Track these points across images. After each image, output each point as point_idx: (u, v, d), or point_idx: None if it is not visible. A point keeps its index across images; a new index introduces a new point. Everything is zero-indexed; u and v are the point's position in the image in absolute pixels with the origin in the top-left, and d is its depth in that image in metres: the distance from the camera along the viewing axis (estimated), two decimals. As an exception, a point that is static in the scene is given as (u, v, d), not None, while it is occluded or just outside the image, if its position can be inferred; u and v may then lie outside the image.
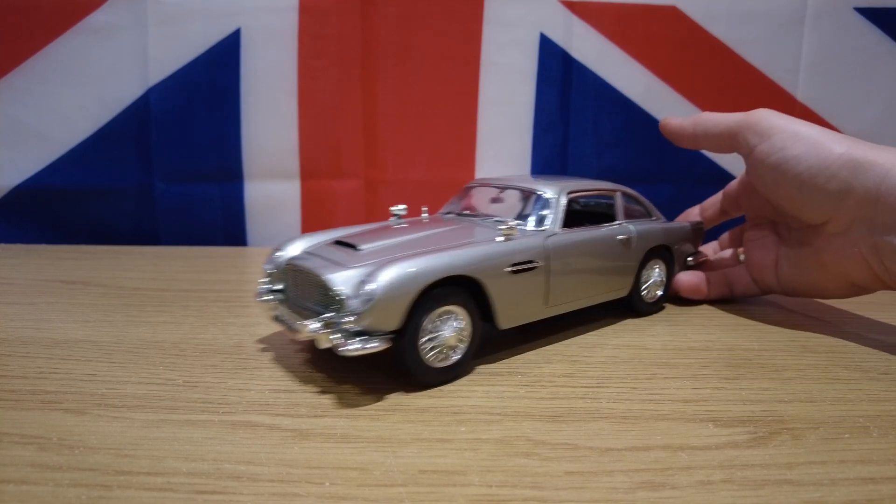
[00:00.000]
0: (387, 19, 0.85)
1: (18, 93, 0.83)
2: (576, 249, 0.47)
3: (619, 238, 0.51)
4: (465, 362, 0.41)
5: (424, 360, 0.39)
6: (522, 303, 0.44)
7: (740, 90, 0.86)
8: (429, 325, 0.39)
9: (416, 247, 0.42)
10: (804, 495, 0.28)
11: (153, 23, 0.82)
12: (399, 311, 0.37)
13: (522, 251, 0.43)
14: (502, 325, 0.43)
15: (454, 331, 0.40)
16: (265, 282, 0.45)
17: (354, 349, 0.36)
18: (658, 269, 0.56)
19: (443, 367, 0.40)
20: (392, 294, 0.37)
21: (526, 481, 0.29)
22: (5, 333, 0.48)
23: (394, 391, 0.38)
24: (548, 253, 0.45)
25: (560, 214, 0.48)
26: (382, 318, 0.37)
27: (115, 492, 0.27)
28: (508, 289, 0.42)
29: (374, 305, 0.36)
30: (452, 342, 0.40)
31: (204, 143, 0.86)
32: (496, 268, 0.41)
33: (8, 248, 0.83)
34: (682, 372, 0.42)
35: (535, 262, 0.44)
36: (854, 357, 0.45)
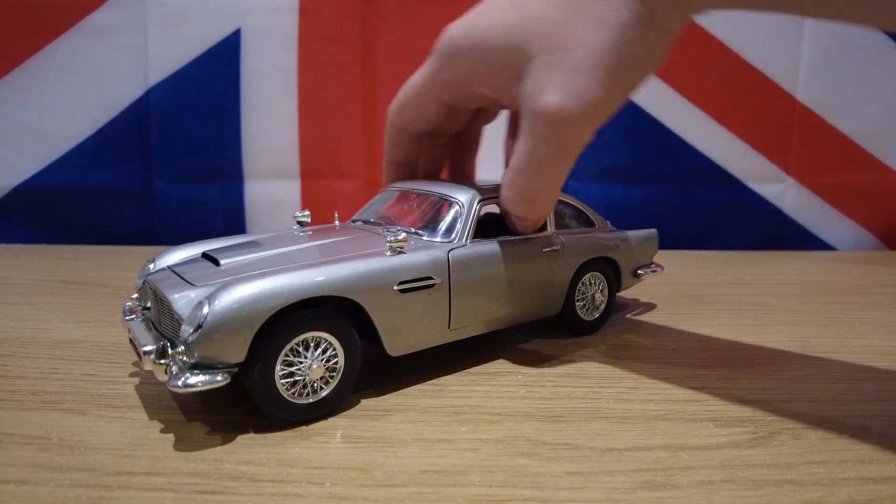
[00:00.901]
0: (387, 19, 0.85)
1: (18, 93, 0.83)
2: (485, 263, 0.41)
3: (544, 250, 0.45)
4: (339, 396, 0.35)
5: (283, 396, 0.33)
6: (418, 326, 0.38)
7: (740, 90, 0.86)
8: (287, 356, 0.33)
9: (286, 261, 0.37)
10: (804, 495, 0.28)
11: (153, 23, 0.82)
12: (240, 340, 0.31)
13: (415, 266, 0.37)
14: (392, 352, 0.37)
15: (321, 362, 0.34)
16: (134, 298, 0.40)
17: (177, 386, 0.30)
18: (598, 284, 0.50)
19: (309, 403, 0.34)
20: (230, 320, 0.31)
21: (526, 481, 0.29)
22: (5, 333, 0.48)
23: (394, 392, 0.38)
24: (449, 268, 0.39)
25: (469, 224, 0.41)
26: (218, 350, 0.31)
27: (116, 492, 0.27)
28: (397, 310, 0.36)
29: (206, 334, 0.30)
30: (317, 375, 0.34)
31: (204, 143, 0.86)
32: (381, 286, 0.36)
33: (8, 248, 0.83)
34: (682, 372, 0.42)
35: (433, 279, 0.38)
36: (854, 357, 0.45)
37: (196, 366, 0.31)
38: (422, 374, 0.41)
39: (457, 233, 0.41)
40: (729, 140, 0.87)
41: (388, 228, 0.44)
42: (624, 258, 0.52)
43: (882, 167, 0.88)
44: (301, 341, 0.33)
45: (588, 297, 0.49)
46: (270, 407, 0.33)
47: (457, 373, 0.41)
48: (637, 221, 0.88)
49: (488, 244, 0.42)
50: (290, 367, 0.33)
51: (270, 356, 0.32)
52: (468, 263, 0.40)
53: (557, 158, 0.38)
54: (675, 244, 0.87)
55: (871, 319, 0.55)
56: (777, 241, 0.90)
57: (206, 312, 0.31)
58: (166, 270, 0.40)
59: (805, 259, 0.84)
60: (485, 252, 0.41)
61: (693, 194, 0.88)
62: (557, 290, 0.47)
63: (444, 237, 0.41)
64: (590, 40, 0.35)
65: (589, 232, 0.51)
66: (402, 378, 0.40)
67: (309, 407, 0.34)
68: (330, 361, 0.35)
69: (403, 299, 0.37)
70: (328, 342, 0.34)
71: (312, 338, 0.34)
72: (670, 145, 0.87)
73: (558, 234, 0.47)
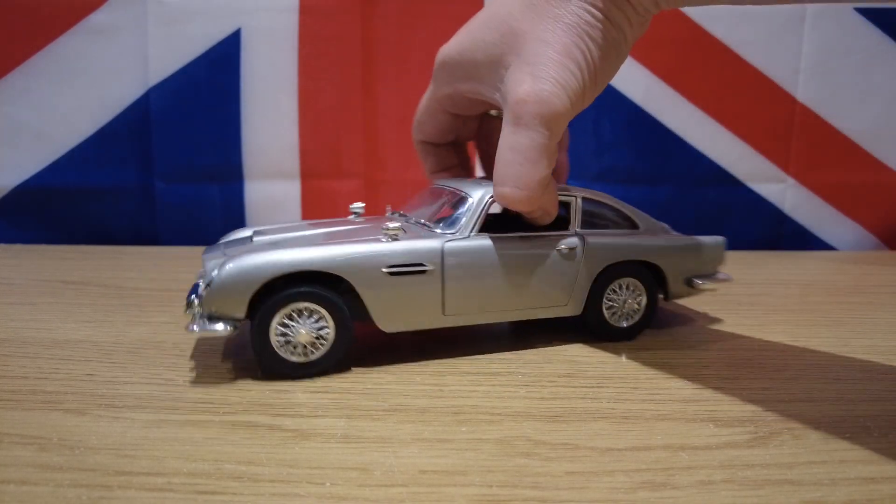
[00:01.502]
0: (387, 19, 0.85)
1: (18, 93, 0.83)
2: (484, 256, 0.43)
3: (559, 248, 0.45)
4: (327, 362, 0.40)
5: (276, 351, 0.39)
6: (409, 307, 0.42)
7: (740, 90, 0.86)
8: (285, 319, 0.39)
9: (302, 242, 0.43)
10: (805, 495, 0.28)
11: (153, 23, 0.82)
12: (240, 300, 0.38)
13: (406, 252, 0.41)
14: (384, 327, 0.42)
15: (310, 329, 0.39)
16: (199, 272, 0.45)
17: (195, 329, 0.38)
18: (632, 290, 0.48)
19: (298, 361, 0.40)
20: (231, 283, 0.38)
21: (526, 481, 0.29)
22: (5, 333, 0.48)
23: (394, 392, 0.38)
24: (444, 257, 0.42)
25: (475, 218, 0.44)
26: (223, 305, 0.38)
27: (116, 492, 0.27)
28: (387, 291, 0.41)
29: (213, 291, 0.38)
30: (305, 339, 0.39)
31: (204, 143, 0.86)
32: (371, 267, 0.40)
33: (8, 248, 0.83)
34: (682, 372, 0.42)
35: (426, 266, 0.41)
36: (854, 357, 0.45)
37: (210, 317, 0.38)
38: (422, 374, 0.41)
39: (461, 226, 0.44)
40: (729, 140, 0.87)
41: (409, 219, 0.49)
42: (672, 265, 0.49)
43: (882, 167, 0.88)
44: (297, 309, 0.39)
45: (620, 302, 0.48)
46: (263, 357, 0.39)
47: (457, 373, 0.41)
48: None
49: (495, 238, 0.44)
50: (285, 329, 0.39)
51: (267, 317, 0.39)
52: (465, 255, 0.43)
53: (534, 140, 0.40)
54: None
55: (871, 319, 0.55)
56: (777, 241, 0.90)
57: (215, 275, 0.38)
58: (218, 245, 0.48)
59: (805, 259, 0.84)
60: (487, 245, 0.43)
61: (693, 194, 0.88)
62: (576, 290, 0.46)
63: (448, 229, 0.44)
64: (552, 40, 0.39)
65: (626, 234, 0.49)
66: (401, 378, 0.40)
67: (295, 365, 0.40)
68: (322, 331, 0.40)
69: (393, 281, 0.41)
70: (321, 314, 0.40)
71: (306, 308, 0.39)
72: (670, 145, 0.87)
73: (583, 233, 0.47)
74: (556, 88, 0.39)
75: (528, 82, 0.39)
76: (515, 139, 0.40)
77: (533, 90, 0.39)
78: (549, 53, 0.39)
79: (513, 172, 0.41)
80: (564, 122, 0.41)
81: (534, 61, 0.39)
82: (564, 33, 0.39)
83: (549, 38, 0.39)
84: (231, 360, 0.43)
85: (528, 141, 0.40)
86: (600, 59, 0.40)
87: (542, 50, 0.39)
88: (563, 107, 0.39)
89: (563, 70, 0.39)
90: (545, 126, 0.39)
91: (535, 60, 0.39)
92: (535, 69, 0.39)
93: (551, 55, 0.39)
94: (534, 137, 0.40)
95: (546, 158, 0.41)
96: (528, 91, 0.39)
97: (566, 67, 0.39)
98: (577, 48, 0.39)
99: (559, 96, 0.39)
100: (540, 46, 0.39)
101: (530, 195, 0.41)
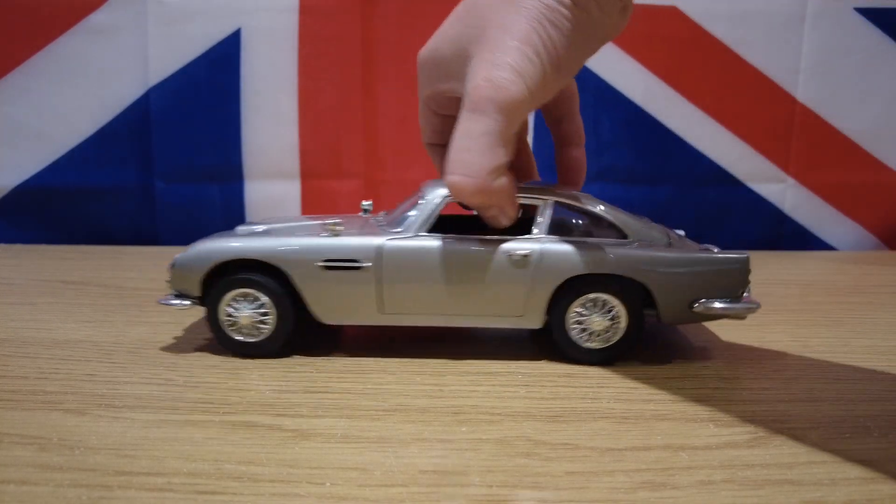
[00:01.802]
0: (387, 19, 0.85)
1: (18, 93, 0.83)
2: (427, 257, 0.42)
3: (510, 254, 0.42)
4: (270, 346, 0.43)
5: (222, 328, 0.43)
6: (345, 302, 0.43)
7: (740, 90, 0.86)
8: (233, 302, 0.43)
9: (277, 233, 0.45)
10: (804, 495, 0.28)
11: (153, 23, 0.82)
12: (193, 280, 0.42)
13: (341, 248, 0.42)
14: (322, 319, 0.43)
15: (252, 312, 0.43)
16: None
17: (161, 301, 0.44)
18: (607, 308, 0.43)
19: (241, 341, 0.43)
20: (185, 265, 0.43)
21: (526, 481, 0.29)
22: (5, 333, 0.48)
23: (394, 392, 0.38)
24: (382, 255, 0.42)
25: (424, 218, 0.43)
26: (181, 283, 0.43)
27: (116, 492, 0.27)
28: (322, 284, 0.42)
29: (173, 272, 0.43)
30: (245, 322, 0.43)
31: (204, 143, 0.86)
32: (306, 260, 0.42)
33: (8, 248, 0.83)
34: (682, 372, 0.42)
35: (361, 263, 0.42)
36: (854, 357, 0.45)
37: (178, 294, 0.44)
38: (422, 374, 0.41)
39: (407, 225, 0.43)
40: (729, 140, 0.87)
41: (372, 219, 0.50)
42: (663, 283, 0.42)
43: (882, 167, 0.88)
44: (244, 294, 0.43)
45: (592, 322, 0.43)
46: (214, 332, 0.43)
47: (457, 373, 0.41)
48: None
49: (441, 239, 0.42)
50: (232, 310, 0.43)
51: (217, 297, 0.43)
52: (406, 254, 0.42)
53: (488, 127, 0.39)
54: (675, 244, 0.87)
55: (871, 319, 0.55)
56: (777, 241, 0.90)
57: (177, 257, 0.43)
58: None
59: (805, 259, 0.84)
60: (431, 246, 0.42)
61: (693, 194, 0.88)
62: (532, 301, 0.42)
63: (395, 227, 0.44)
64: (512, 26, 0.38)
65: (605, 244, 0.43)
66: (401, 378, 0.40)
67: (240, 343, 0.43)
68: (267, 316, 0.43)
69: (328, 275, 0.42)
70: (262, 300, 0.43)
71: (251, 294, 0.43)
72: (670, 145, 0.87)
73: (547, 239, 0.43)
74: (513, 75, 0.38)
75: (484, 69, 0.38)
76: (468, 126, 0.39)
77: (488, 76, 0.38)
78: (507, 40, 0.38)
79: (463, 160, 0.39)
80: (522, 109, 0.39)
81: (492, 48, 0.39)
82: (524, 20, 0.38)
83: (508, 24, 0.38)
84: (231, 360, 0.43)
85: (482, 127, 0.39)
86: (565, 46, 0.39)
87: (501, 37, 0.38)
88: (519, 94, 0.38)
89: (520, 57, 0.38)
90: (500, 112, 0.38)
91: (492, 47, 0.39)
92: (493, 56, 0.38)
93: (509, 42, 0.38)
94: (487, 124, 0.38)
95: (500, 147, 0.39)
96: (484, 77, 0.38)
97: (524, 54, 0.38)
98: (537, 34, 0.38)
99: (515, 83, 0.38)
100: (499, 33, 0.39)
101: (479, 184, 0.39)
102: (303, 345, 0.46)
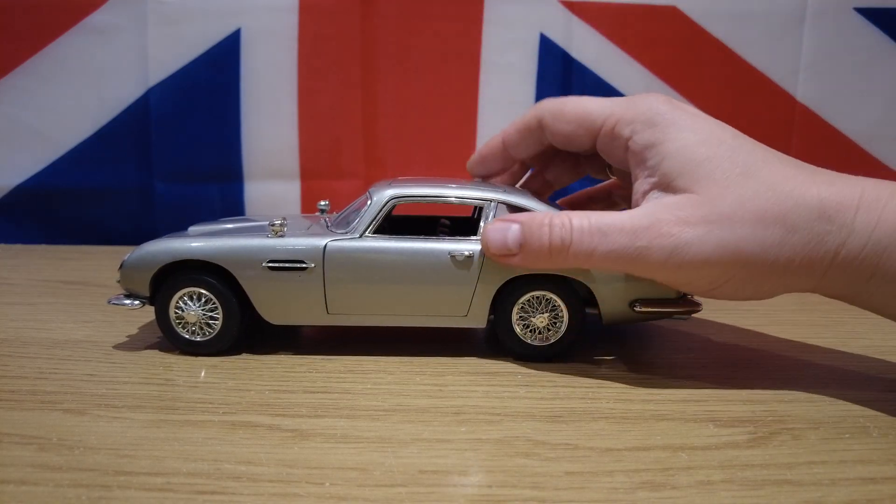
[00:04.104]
0: (387, 19, 0.85)
1: (18, 93, 0.83)
2: (370, 258, 0.42)
3: (454, 255, 0.42)
4: (218, 344, 0.43)
5: (172, 326, 0.43)
6: (291, 302, 0.43)
7: (740, 90, 0.86)
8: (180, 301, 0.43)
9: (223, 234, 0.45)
10: (804, 495, 0.28)
11: (153, 23, 0.82)
12: (142, 280, 0.43)
13: (285, 249, 0.42)
14: (268, 319, 0.44)
15: (199, 311, 0.43)
16: None
17: (112, 301, 0.44)
18: (549, 306, 0.43)
19: (189, 339, 0.43)
20: (134, 266, 0.43)
21: (526, 481, 0.29)
22: (5, 333, 0.48)
23: (394, 392, 0.38)
24: (324, 257, 0.42)
25: (369, 220, 0.43)
26: (131, 283, 0.43)
27: (115, 492, 0.27)
28: (267, 284, 0.43)
29: (122, 273, 0.44)
30: (192, 319, 0.43)
31: (204, 143, 0.86)
32: (251, 260, 0.42)
33: (8, 248, 0.83)
34: (682, 372, 0.42)
35: (306, 264, 0.42)
36: (854, 357, 0.45)
37: (128, 294, 0.44)
38: (422, 374, 0.41)
39: (353, 226, 0.44)
40: (729, 140, 0.87)
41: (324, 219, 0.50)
42: (605, 284, 0.43)
43: (882, 167, 0.87)
44: (194, 293, 0.43)
45: (535, 320, 0.43)
46: (163, 331, 0.44)
47: (457, 373, 0.41)
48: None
49: (386, 241, 0.43)
50: (181, 309, 0.43)
51: (166, 296, 0.43)
52: (349, 255, 0.43)
53: (621, 255, 0.38)
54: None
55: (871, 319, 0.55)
56: (777, 241, 0.90)
57: (125, 258, 0.44)
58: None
59: (805, 259, 0.84)
60: (376, 247, 0.43)
61: (693, 194, 0.88)
62: (476, 301, 0.43)
63: (340, 228, 0.45)
64: (744, 219, 0.36)
65: None
66: (401, 378, 0.40)
67: (188, 341, 0.43)
68: (215, 315, 0.43)
69: (273, 276, 0.42)
70: (210, 298, 0.43)
71: (197, 293, 0.43)
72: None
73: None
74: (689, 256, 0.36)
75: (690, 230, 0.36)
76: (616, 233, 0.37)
77: (681, 236, 0.36)
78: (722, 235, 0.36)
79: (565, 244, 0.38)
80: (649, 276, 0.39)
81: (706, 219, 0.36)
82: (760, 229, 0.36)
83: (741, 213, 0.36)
84: (231, 361, 0.43)
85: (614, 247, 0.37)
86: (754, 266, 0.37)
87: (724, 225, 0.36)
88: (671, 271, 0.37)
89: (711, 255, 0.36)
90: (639, 261, 0.37)
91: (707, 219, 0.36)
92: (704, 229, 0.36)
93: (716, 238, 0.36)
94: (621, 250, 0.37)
95: (596, 264, 0.39)
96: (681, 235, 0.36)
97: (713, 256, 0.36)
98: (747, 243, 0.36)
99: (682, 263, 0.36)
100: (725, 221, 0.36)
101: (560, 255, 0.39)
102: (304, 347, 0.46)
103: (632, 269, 0.39)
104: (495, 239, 0.40)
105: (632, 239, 0.37)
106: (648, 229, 0.37)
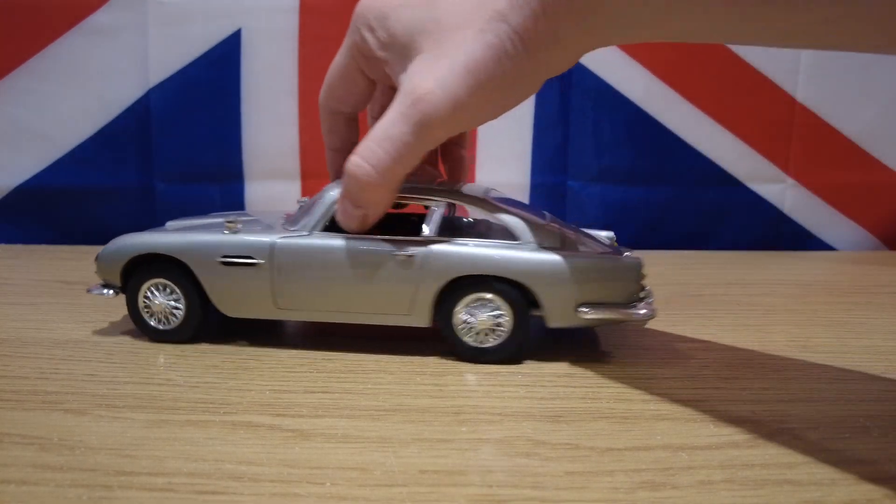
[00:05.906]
0: (387, 19, 0.85)
1: (19, 93, 0.83)
2: (316, 255, 0.43)
3: (395, 255, 0.42)
4: (183, 334, 0.46)
5: (141, 316, 0.46)
6: (243, 297, 0.45)
7: (740, 90, 0.86)
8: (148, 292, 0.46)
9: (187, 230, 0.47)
10: (804, 495, 0.28)
11: (154, 23, 0.82)
12: (114, 272, 0.46)
13: (237, 245, 0.44)
14: (224, 311, 0.45)
15: (164, 301, 0.45)
16: None
17: (91, 290, 0.47)
18: (493, 308, 0.43)
19: (155, 327, 0.46)
20: (107, 257, 0.46)
21: (526, 481, 0.29)
22: (6, 333, 0.48)
23: (394, 392, 0.38)
24: (273, 253, 0.43)
25: (318, 217, 0.44)
26: (105, 274, 0.46)
27: (116, 492, 0.27)
28: (222, 279, 0.44)
29: (97, 263, 0.47)
30: (158, 309, 0.45)
31: (204, 144, 0.86)
32: (207, 256, 0.44)
33: (8, 248, 0.83)
34: (682, 372, 0.42)
35: (255, 260, 0.44)
36: (854, 357, 0.45)
37: (104, 284, 0.47)
38: (422, 374, 0.41)
39: (302, 223, 0.45)
40: (729, 140, 0.87)
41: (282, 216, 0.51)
42: (546, 286, 0.42)
43: (882, 167, 0.88)
44: (157, 283, 0.46)
45: (477, 322, 0.43)
46: (134, 321, 0.46)
47: (457, 373, 0.42)
48: (637, 221, 0.88)
49: (333, 239, 0.44)
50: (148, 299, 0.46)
51: (136, 287, 0.46)
52: (296, 252, 0.44)
53: (410, 137, 0.40)
54: (674, 244, 0.87)
55: (871, 319, 0.55)
56: (777, 241, 0.90)
57: (101, 250, 0.47)
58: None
59: (805, 259, 0.84)
60: (322, 245, 0.44)
61: (693, 194, 0.88)
62: (418, 300, 0.43)
63: (291, 226, 0.46)
64: (469, 51, 0.38)
65: (491, 245, 0.43)
66: (401, 378, 0.40)
67: (155, 330, 0.46)
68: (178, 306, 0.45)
69: (227, 270, 0.44)
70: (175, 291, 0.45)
71: (163, 284, 0.45)
72: (670, 145, 0.87)
73: (434, 240, 0.43)
74: (448, 99, 0.38)
75: (429, 80, 0.38)
76: (398, 127, 0.39)
77: (428, 90, 0.38)
78: (459, 59, 0.38)
79: (376, 153, 0.40)
80: (446, 133, 0.41)
81: (442, 63, 0.38)
82: (481, 48, 0.37)
83: (465, 43, 0.38)
84: (231, 360, 0.43)
85: (408, 135, 0.39)
86: (503, 88, 0.39)
87: (454, 53, 0.38)
88: (451, 119, 0.39)
89: (461, 84, 0.38)
90: (428, 129, 0.39)
91: (443, 63, 0.38)
92: (441, 73, 0.38)
93: (458, 66, 0.38)
94: (414, 134, 0.39)
95: (413, 159, 0.41)
96: (424, 89, 0.38)
97: (466, 84, 0.38)
98: (484, 68, 0.37)
99: (447, 108, 0.38)
100: (452, 48, 0.38)
101: (378, 183, 0.40)
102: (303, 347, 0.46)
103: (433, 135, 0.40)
104: (342, 220, 0.43)
105: (407, 118, 0.39)
106: (412, 104, 0.39)
